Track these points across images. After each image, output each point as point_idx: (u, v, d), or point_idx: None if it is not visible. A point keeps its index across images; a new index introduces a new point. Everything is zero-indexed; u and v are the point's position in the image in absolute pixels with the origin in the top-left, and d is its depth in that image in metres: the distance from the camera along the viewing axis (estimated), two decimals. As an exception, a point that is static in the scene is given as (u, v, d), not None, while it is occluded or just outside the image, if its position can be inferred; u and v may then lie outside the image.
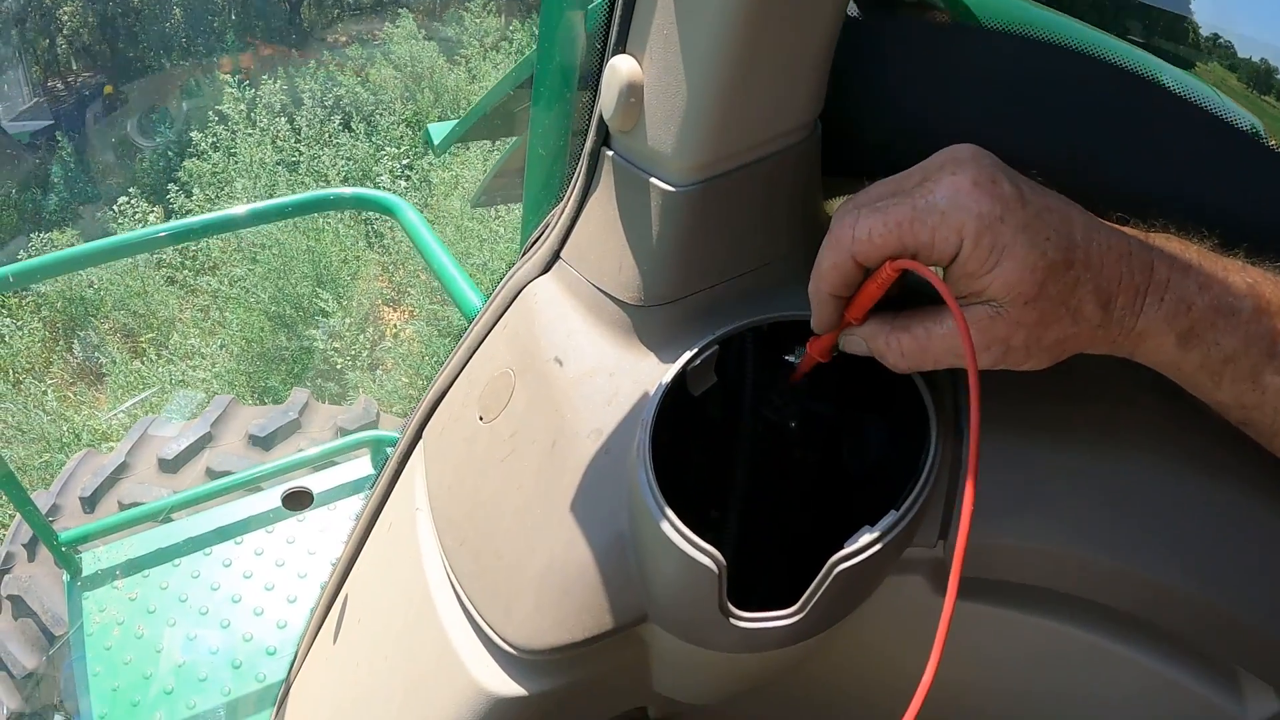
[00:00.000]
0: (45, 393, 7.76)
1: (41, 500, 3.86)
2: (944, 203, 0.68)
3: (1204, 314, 0.70)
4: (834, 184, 0.95)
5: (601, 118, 0.89)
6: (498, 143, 8.51)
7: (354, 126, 10.41)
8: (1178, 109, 0.84)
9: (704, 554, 0.80)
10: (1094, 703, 1.04)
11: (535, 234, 1.08)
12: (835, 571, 0.80)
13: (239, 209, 2.49)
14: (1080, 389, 0.87)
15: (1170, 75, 0.84)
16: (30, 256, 9.68)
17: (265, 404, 7.34)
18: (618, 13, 0.85)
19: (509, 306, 1.07)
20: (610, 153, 0.91)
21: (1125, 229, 0.73)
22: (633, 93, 0.83)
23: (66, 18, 14.51)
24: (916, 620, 0.90)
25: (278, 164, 9.71)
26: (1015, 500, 0.88)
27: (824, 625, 0.87)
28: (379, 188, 9.61)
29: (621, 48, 0.85)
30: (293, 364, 7.69)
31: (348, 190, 2.57)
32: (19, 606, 3.81)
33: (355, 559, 1.47)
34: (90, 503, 3.85)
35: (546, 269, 1.04)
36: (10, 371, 8.43)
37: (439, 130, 2.92)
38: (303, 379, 7.60)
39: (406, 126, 10.53)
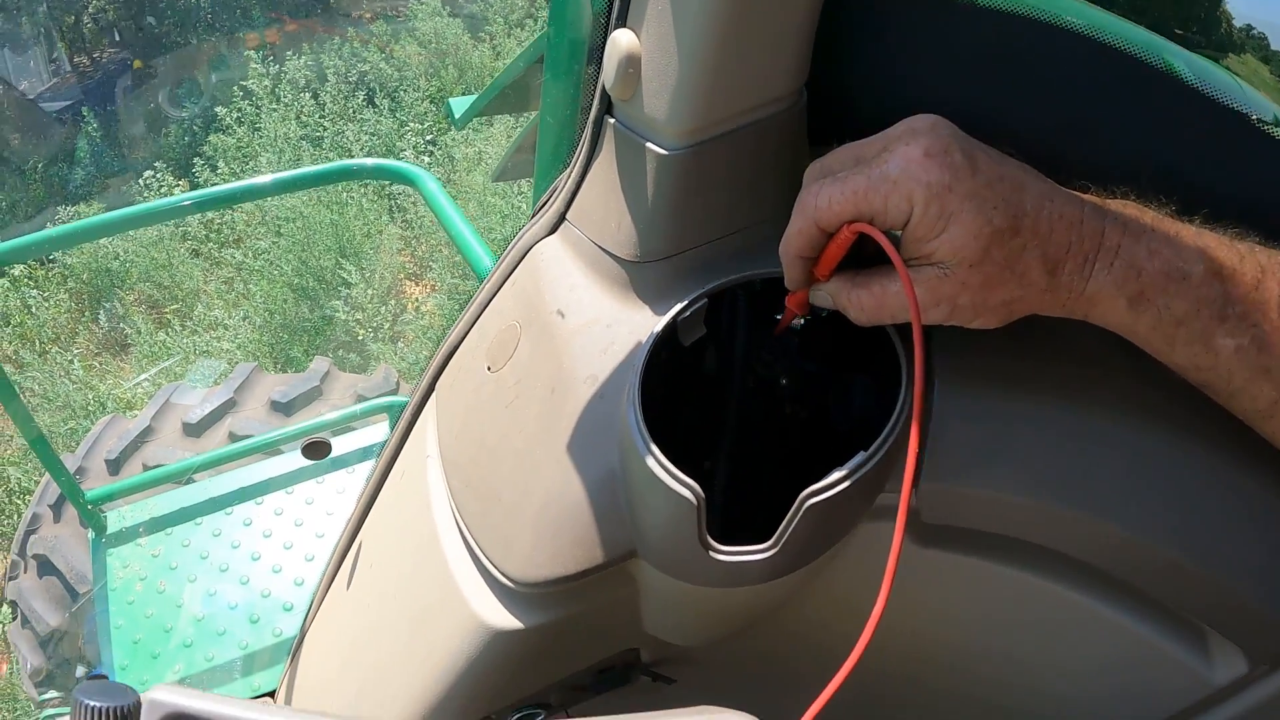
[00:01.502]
0: (71, 361, 7.82)
1: (67, 462, 3.92)
2: (896, 172, 0.74)
3: (1154, 278, 0.75)
4: (821, 152, 0.97)
5: (604, 88, 0.97)
6: (519, 119, 8.56)
7: (378, 102, 10.41)
8: (1157, 81, 0.87)
9: (684, 486, 0.86)
10: (1063, 657, 1.08)
11: (544, 198, 1.15)
12: (805, 506, 0.86)
13: (264, 178, 2.54)
14: (1052, 348, 0.91)
15: (1156, 47, 0.86)
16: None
17: (287, 371, 7.42)
18: None
19: (517, 265, 1.14)
20: (612, 120, 0.98)
21: (1083, 195, 0.78)
22: (631, 64, 0.90)
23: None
24: (898, 572, 0.93)
25: (302, 139, 9.73)
26: (987, 450, 0.92)
27: (799, 562, 0.92)
28: (402, 162, 9.62)
29: (622, 22, 0.93)
30: (315, 335, 7.74)
31: (370, 161, 2.61)
32: (44, 566, 3.89)
33: (369, 509, 1.53)
34: (115, 465, 3.92)
35: (553, 230, 1.11)
36: (36, 341, 8.49)
37: (460, 104, 2.96)
38: (325, 350, 7.64)
39: (430, 103, 10.52)
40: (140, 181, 10.13)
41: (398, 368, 7.13)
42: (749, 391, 1.09)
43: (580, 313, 1.01)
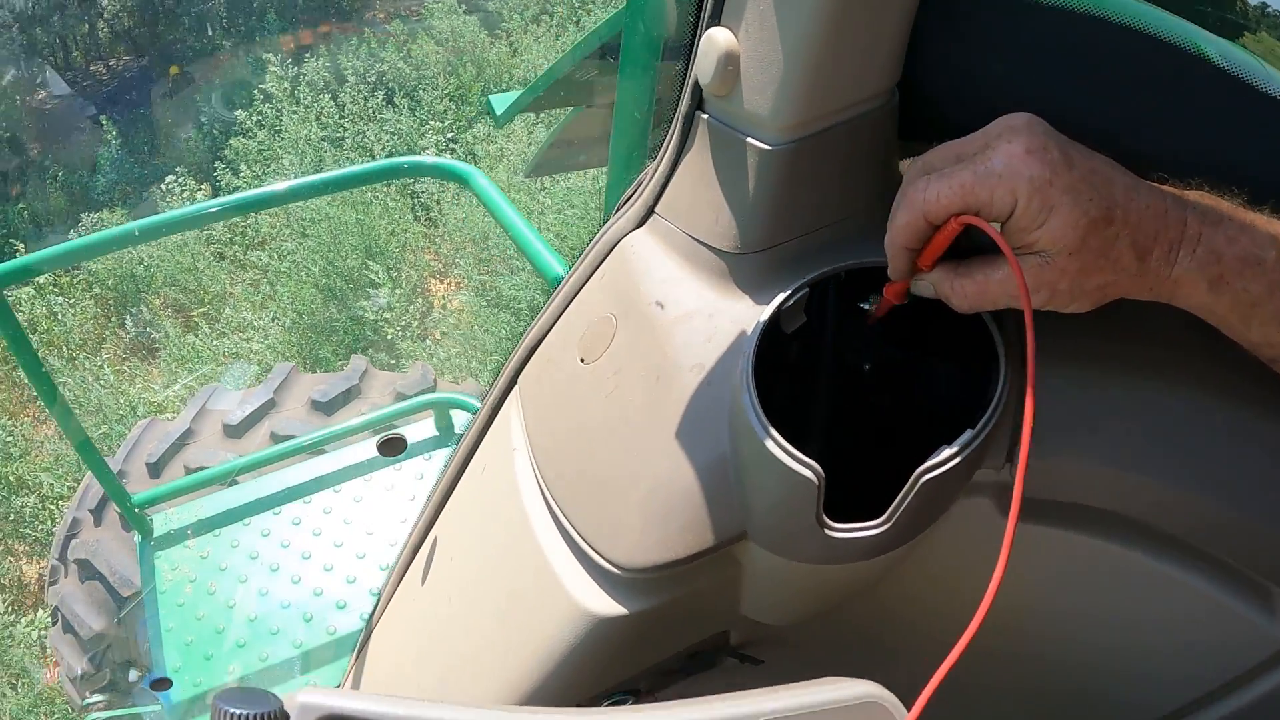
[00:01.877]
0: (101, 367, 7.85)
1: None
2: (1000, 167, 0.79)
3: (1232, 263, 0.81)
4: (907, 147, 1.05)
5: (696, 84, 0.99)
6: (542, 116, 8.56)
7: (397, 101, 10.41)
8: (1219, 79, 0.89)
9: (805, 467, 0.89)
10: (1144, 622, 1.11)
11: (628, 192, 1.17)
12: (921, 482, 0.89)
13: (313, 177, 2.54)
14: (1134, 329, 0.95)
15: (1214, 46, 0.90)
16: (81, 236, 9.80)
17: (318, 371, 7.43)
18: None
19: (604, 259, 1.16)
20: (705, 116, 1.00)
21: (1164, 187, 0.83)
22: (730, 61, 0.92)
23: (107, 2, 14.59)
24: (982, 542, 0.97)
25: (323, 140, 9.73)
26: (1074, 423, 0.97)
27: (905, 538, 0.96)
28: (424, 161, 9.63)
29: (716, 20, 0.95)
30: (344, 335, 7.75)
31: (420, 158, 2.63)
32: (86, 570, 3.90)
33: (443, 505, 1.54)
34: (156, 468, 3.93)
35: (641, 223, 1.13)
36: (64, 347, 8.51)
37: (500, 101, 2.95)
38: (355, 349, 7.66)
39: (450, 100, 10.52)
40: (162, 186, 10.17)
41: (431, 364, 7.16)
42: (835, 377, 1.12)
43: (680, 303, 1.03)
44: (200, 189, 10.00)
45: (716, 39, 0.92)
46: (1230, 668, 1.09)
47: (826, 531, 0.92)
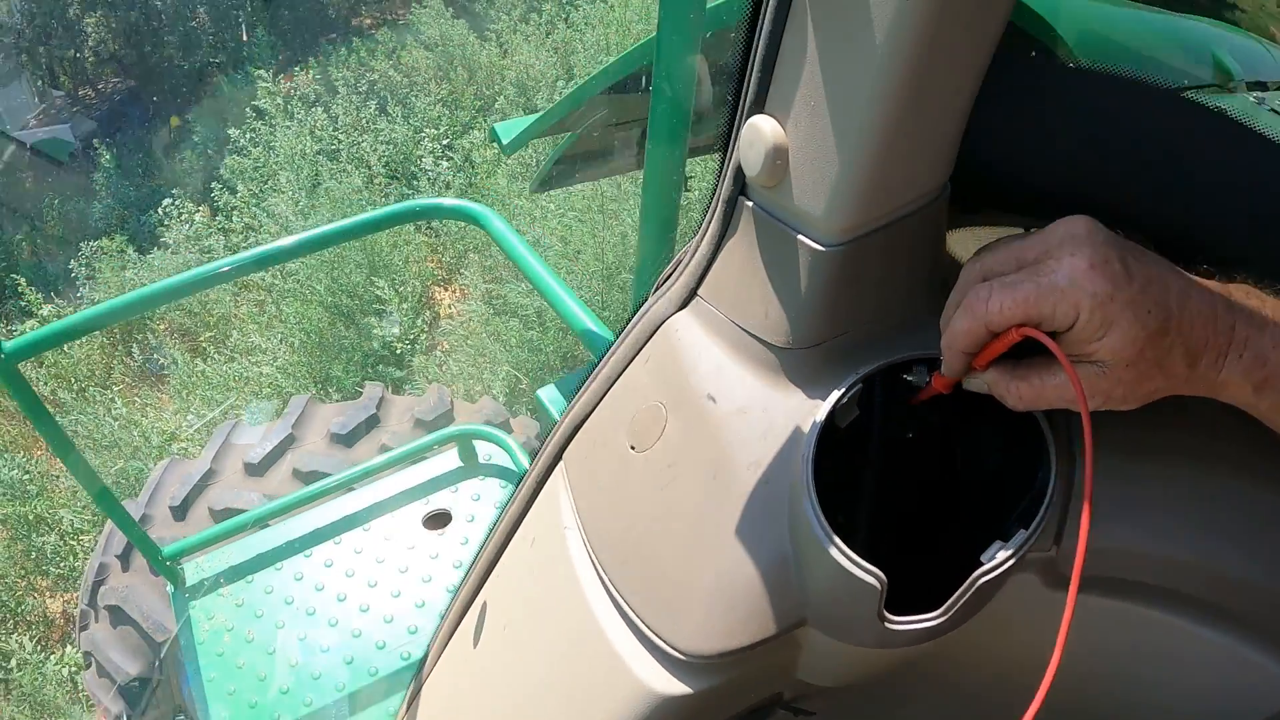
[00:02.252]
0: (113, 400, 7.84)
1: (131, 510, 3.92)
2: (1064, 282, 0.81)
3: (1278, 368, 0.83)
4: (952, 215, 1.04)
5: (739, 169, 0.97)
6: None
7: (390, 110, 10.40)
8: (1247, 138, 0.92)
9: (869, 574, 0.92)
10: (1175, 678, 1.14)
11: (666, 271, 1.16)
12: (977, 584, 0.93)
13: (327, 227, 2.52)
14: (1172, 416, 0.95)
15: (1266, 119, 0.93)
16: (83, 265, 9.82)
17: (330, 391, 7.44)
18: (754, 73, 0.91)
19: (648, 340, 1.16)
20: (750, 203, 0.98)
21: (1210, 285, 0.85)
22: (779, 155, 0.90)
23: (91, 28, 14.56)
24: (1030, 612, 1.02)
25: (318, 153, 9.72)
26: (1118, 509, 1.00)
27: (958, 623, 0.98)
28: (421, 170, 9.63)
29: (760, 108, 0.92)
30: (353, 351, 7.74)
31: (434, 200, 2.60)
32: (117, 615, 3.88)
33: (490, 568, 1.56)
34: (180, 511, 3.91)
35: (683, 304, 1.12)
36: (73, 380, 8.51)
37: (505, 130, 2.91)
38: (365, 364, 7.65)
39: (443, 106, 10.50)
40: (160, 210, 10.16)
41: (441, 379, 7.15)
42: (881, 442, 1.13)
43: (732, 397, 1.03)
44: (198, 211, 10.00)
45: (763, 130, 0.90)
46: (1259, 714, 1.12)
47: (887, 624, 0.95)
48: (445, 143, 9.99)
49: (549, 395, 3.19)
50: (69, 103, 15.14)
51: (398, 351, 7.72)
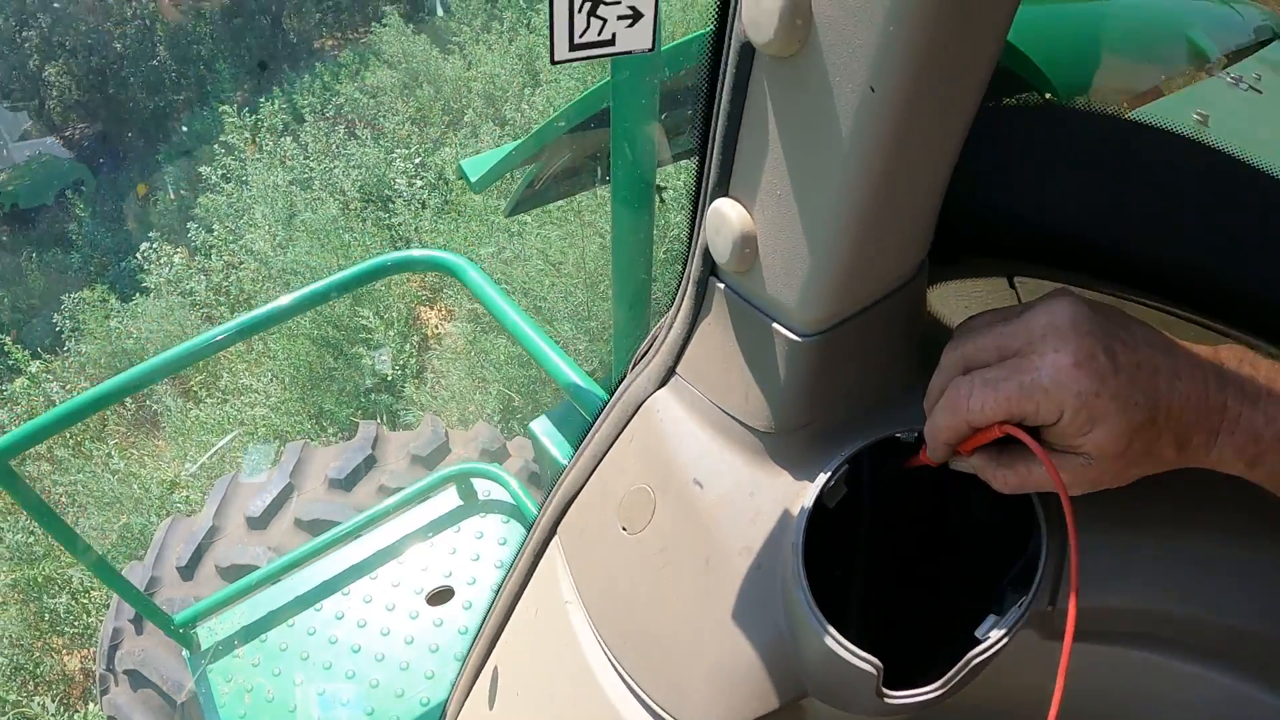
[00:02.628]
0: (110, 454, 7.81)
1: (138, 574, 3.94)
2: (1047, 381, 0.79)
3: (1271, 443, 0.81)
4: (934, 269, 1.02)
5: (707, 251, 0.94)
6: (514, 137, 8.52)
7: (359, 133, 10.38)
8: (1246, 177, 0.91)
9: (865, 662, 0.91)
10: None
11: (642, 348, 1.16)
12: (971, 664, 0.92)
13: (300, 291, 2.52)
14: (1164, 482, 0.94)
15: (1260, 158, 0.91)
16: (65, 318, 9.80)
17: (325, 425, 7.43)
18: (714, 156, 0.88)
19: (631, 418, 1.16)
20: (721, 285, 0.96)
21: (1201, 352, 0.83)
22: (746, 243, 0.87)
23: (53, 77, 14.52)
24: (1028, 662, 0.99)
25: (291, 184, 9.72)
26: (1110, 574, 1.00)
27: (955, 691, 0.97)
28: (395, 191, 9.61)
29: (724, 190, 0.89)
30: (344, 382, 7.73)
31: (407, 253, 2.59)
32: (136, 679, 3.88)
33: (498, 634, 1.58)
34: (188, 570, 3.91)
35: (662, 383, 1.11)
36: (68, 434, 8.48)
37: (472, 166, 2.91)
38: (357, 394, 7.65)
39: (412, 124, 10.49)
40: (138, 255, 10.14)
41: (431, 405, 7.15)
42: (873, 516, 1.13)
43: (718, 482, 1.03)
44: (177, 252, 9.98)
45: (729, 216, 0.86)
46: None
47: (885, 700, 0.94)
48: (418, 161, 9.98)
49: (541, 427, 3.21)
50: (36, 152, 15.09)
51: (389, 379, 7.71)
